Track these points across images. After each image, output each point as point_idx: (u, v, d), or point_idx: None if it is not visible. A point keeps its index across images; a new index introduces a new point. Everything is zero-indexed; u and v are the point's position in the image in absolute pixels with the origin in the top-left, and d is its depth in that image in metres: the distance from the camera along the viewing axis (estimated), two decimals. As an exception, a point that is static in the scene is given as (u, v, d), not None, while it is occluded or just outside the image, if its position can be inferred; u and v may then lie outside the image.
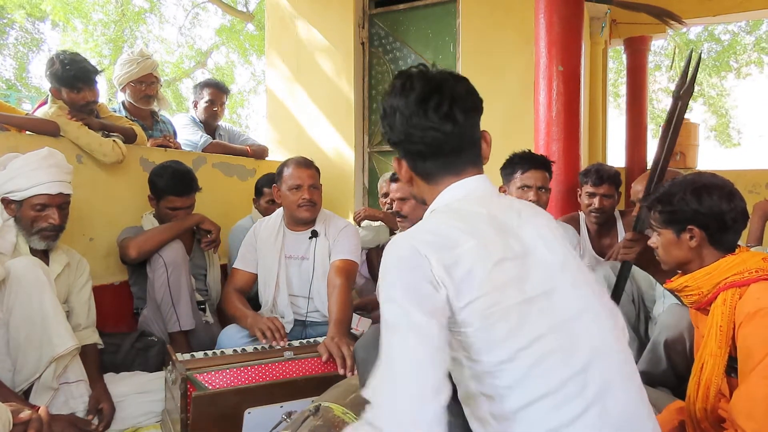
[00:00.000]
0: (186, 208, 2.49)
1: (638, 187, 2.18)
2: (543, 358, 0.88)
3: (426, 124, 1.01)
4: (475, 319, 0.88)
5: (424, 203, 1.12)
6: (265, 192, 3.01)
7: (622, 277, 2.00)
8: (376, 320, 2.65)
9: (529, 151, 2.39)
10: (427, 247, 0.91)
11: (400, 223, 2.63)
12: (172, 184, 2.43)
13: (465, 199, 1.03)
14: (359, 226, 3.26)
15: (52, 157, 1.98)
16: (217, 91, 3.46)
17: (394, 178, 2.65)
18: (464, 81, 1.06)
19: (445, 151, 1.04)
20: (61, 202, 1.99)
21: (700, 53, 2.08)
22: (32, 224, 1.94)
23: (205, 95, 3.43)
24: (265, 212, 2.97)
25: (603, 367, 0.91)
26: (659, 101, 13.80)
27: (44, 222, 1.94)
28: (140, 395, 2.00)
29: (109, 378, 2.04)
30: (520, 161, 2.35)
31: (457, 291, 0.88)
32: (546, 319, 0.91)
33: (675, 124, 1.81)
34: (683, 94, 1.83)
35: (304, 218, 2.31)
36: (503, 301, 0.89)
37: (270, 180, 3.01)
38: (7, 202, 1.95)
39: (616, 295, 2.02)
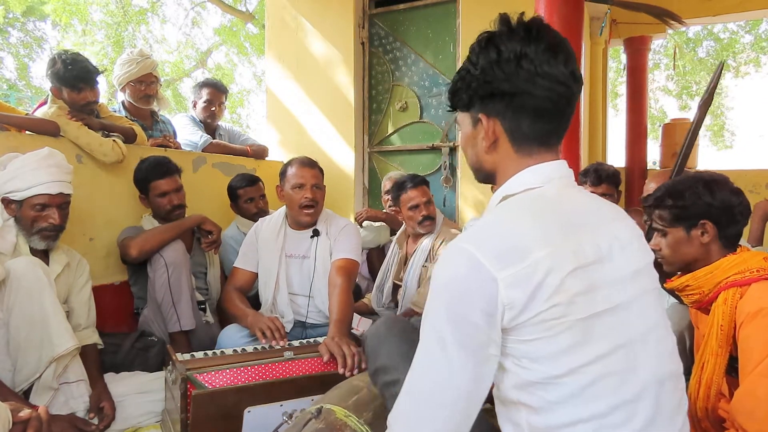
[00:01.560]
0: (175, 191, 2.49)
1: (652, 184, 2.17)
2: (599, 378, 0.82)
3: (558, 77, 0.89)
4: (538, 329, 0.81)
5: (487, 179, 1.01)
6: (239, 193, 2.97)
7: None
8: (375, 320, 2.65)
9: None
10: (494, 260, 0.80)
11: (429, 226, 2.64)
12: (151, 169, 2.46)
13: (544, 189, 0.92)
14: (360, 226, 3.26)
15: (52, 157, 1.99)
16: (216, 91, 3.45)
17: (413, 185, 2.64)
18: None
19: (562, 113, 0.93)
20: (61, 202, 1.99)
21: (723, 62, 2.14)
22: (32, 224, 1.93)
23: (204, 95, 3.43)
24: (247, 212, 2.96)
25: (657, 398, 0.86)
26: (657, 100, 13.79)
27: (44, 222, 1.94)
28: (140, 395, 2.00)
29: (109, 378, 2.04)
30: None
31: (525, 306, 0.80)
32: (610, 339, 0.84)
33: (693, 130, 1.92)
34: (702, 104, 1.89)
35: (305, 222, 2.31)
36: (571, 314, 0.81)
37: (242, 179, 2.99)
38: (8, 202, 1.95)
39: None
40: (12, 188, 1.92)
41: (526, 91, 0.90)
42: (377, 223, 3.26)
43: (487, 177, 1.00)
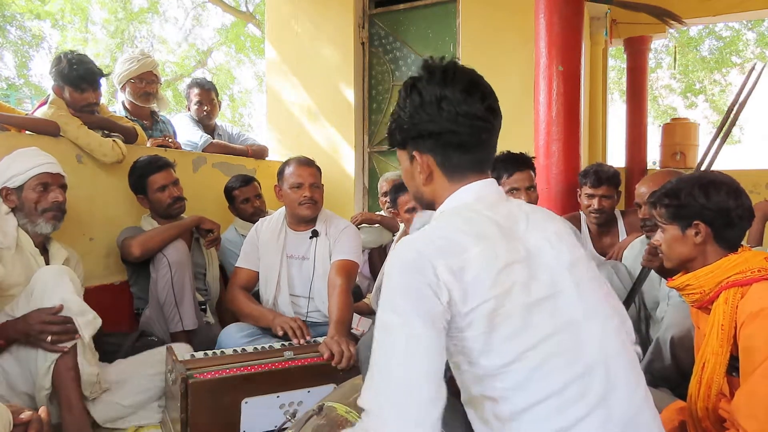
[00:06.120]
0: (172, 184, 2.51)
1: (643, 189, 2.17)
2: (546, 359, 0.88)
3: (476, 113, 1.00)
4: (479, 323, 0.88)
5: (429, 207, 1.11)
6: (235, 194, 2.97)
7: (639, 281, 2.02)
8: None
9: (509, 152, 2.39)
10: (434, 252, 0.90)
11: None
12: (146, 165, 2.49)
13: (475, 203, 1.02)
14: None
15: (41, 150, 2.03)
16: (203, 90, 3.42)
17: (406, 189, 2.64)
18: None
19: (484, 145, 1.04)
20: (61, 184, 2.01)
21: (763, 66, 2.15)
22: (36, 206, 1.94)
23: (193, 97, 3.42)
24: (244, 213, 2.97)
25: (608, 370, 0.92)
26: (663, 98, 13.79)
27: (48, 202, 1.95)
28: (141, 376, 1.99)
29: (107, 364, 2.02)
30: (504, 164, 2.34)
31: (464, 296, 0.88)
32: (551, 322, 0.91)
33: (726, 130, 2.00)
34: (738, 106, 1.93)
35: (305, 216, 2.31)
36: (508, 304, 0.88)
37: (236, 180, 3.01)
38: (7, 193, 1.94)
39: (631, 297, 2.04)
40: (10, 175, 1.92)
41: (449, 130, 1.01)
42: (375, 225, 3.26)
43: (429, 205, 1.11)
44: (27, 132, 2.33)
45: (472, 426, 0.97)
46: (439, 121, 1.00)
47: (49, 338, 1.65)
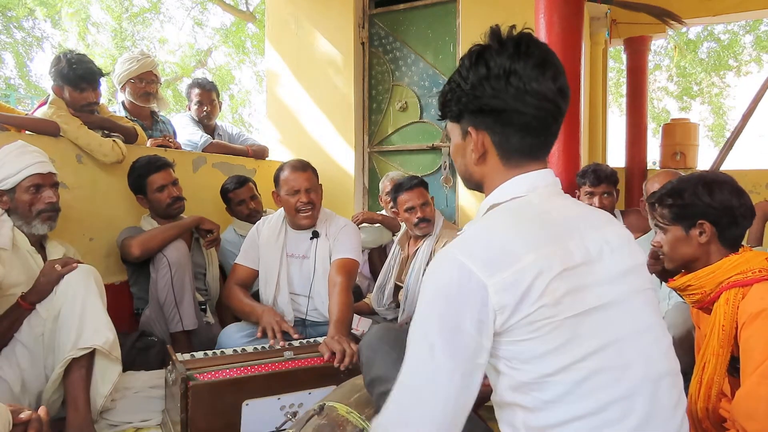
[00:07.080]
0: (171, 184, 2.51)
1: (656, 184, 2.16)
2: (590, 376, 0.83)
3: (546, 94, 0.90)
4: (528, 330, 0.82)
5: (477, 187, 1.02)
6: (230, 196, 2.98)
7: None
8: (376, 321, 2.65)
9: None
10: (484, 269, 0.81)
11: (425, 228, 2.64)
12: (145, 165, 2.49)
13: (531, 195, 0.94)
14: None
15: (28, 145, 2.02)
16: (204, 91, 3.42)
17: (409, 188, 2.64)
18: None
19: (548, 129, 0.94)
20: (53, 182, 2.00)
21: None
22: (30, 208, 1.94)
23: (194, 97, 3.43)
24: (240, 215, 2.97)
25: (653, 393, 0.86)
26: (660, 100, 13.78)
27: (42, 204, 1.95)
28: (140, 393, 1.99)
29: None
30: None
31: (514, 310, 0.81)
32: (600, 336, 0.84)
33: (734, 134, 2.01)
34: (747, 113, 1.95)
35: (304, 225, 2.31)
36: (558, 314, 0.82)
37: (231, 181, 3.01)
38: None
39: None
40: (1, 177, 1.92)
41: (514, 108, 0.91)
42: (375, 225, 3.26)
43: (476, 186, 1.03)
44: (27, 132, 2.33)
45: (499, 425, 0.92)
46: (504, 97, 0.90)
47: (57, 266, 1.81)
